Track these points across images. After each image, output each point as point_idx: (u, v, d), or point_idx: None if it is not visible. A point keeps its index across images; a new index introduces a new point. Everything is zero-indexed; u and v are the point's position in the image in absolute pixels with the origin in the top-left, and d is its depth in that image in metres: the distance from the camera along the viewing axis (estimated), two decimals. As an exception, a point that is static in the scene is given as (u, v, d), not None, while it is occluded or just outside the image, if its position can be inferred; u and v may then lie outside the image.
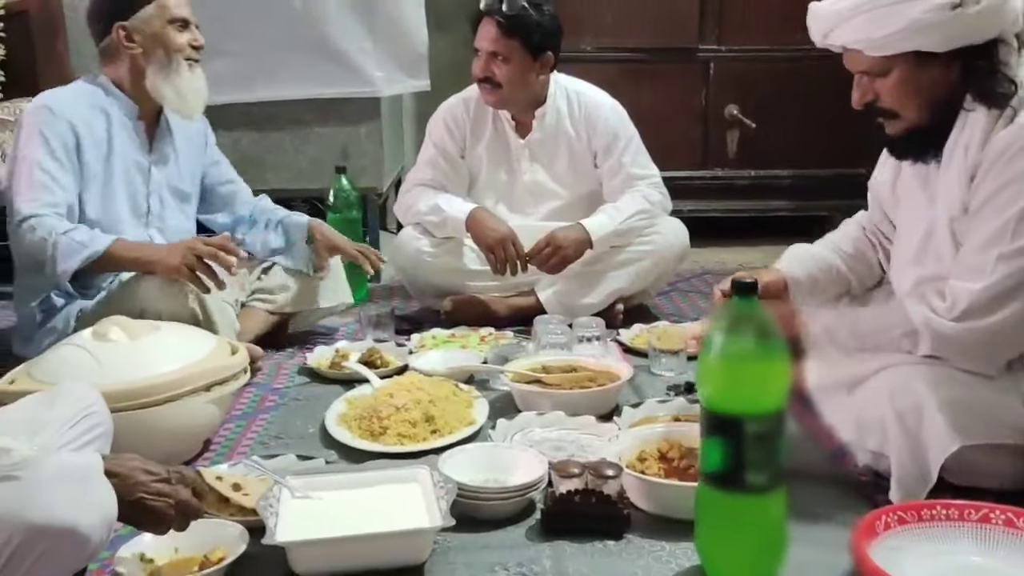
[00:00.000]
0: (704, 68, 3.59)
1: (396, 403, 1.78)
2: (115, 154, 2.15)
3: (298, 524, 1.33)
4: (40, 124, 2.04)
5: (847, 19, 1.47)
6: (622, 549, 1.38)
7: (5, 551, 1.01)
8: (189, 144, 2.32)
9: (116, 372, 1.60)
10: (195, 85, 2.18)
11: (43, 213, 1.98)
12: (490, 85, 2.49)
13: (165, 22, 2.12)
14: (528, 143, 2.60)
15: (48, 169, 2.02)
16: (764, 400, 1.19)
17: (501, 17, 2.43)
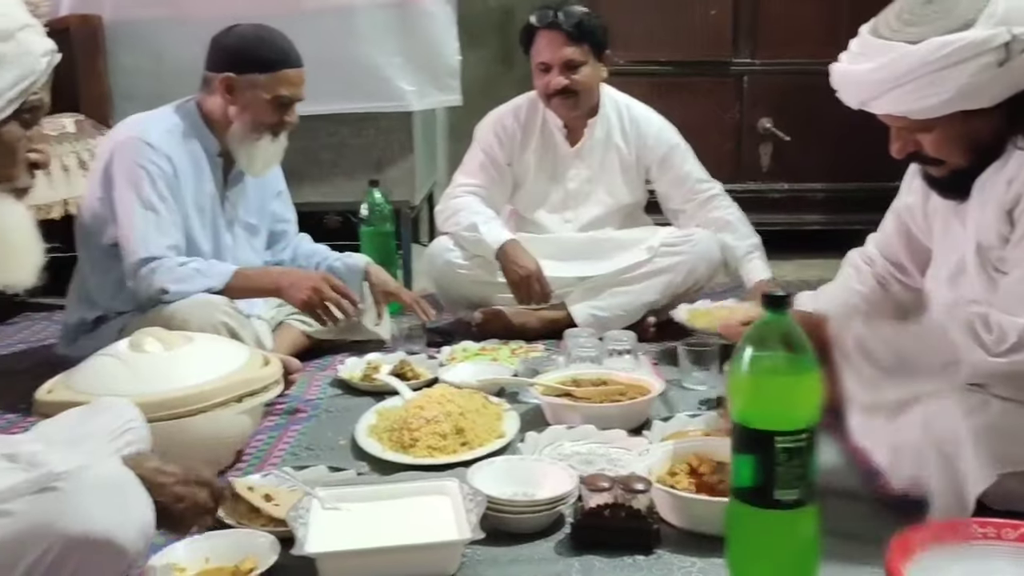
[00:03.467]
0: (738, 82, 3.59)
1: (426, 415, 1.79)
2: (198, 187, 2.17)
3: (328, 535, 1.34)
4: (141, 160, 2.06)
5: (889, 89, 1.39)
6: (652, 564, 1.37)
7: (44, 562, 1.01)
8: (260, 179, 2.33)
9: (151, 382, 1.62)
10: (268, 154, 2.20)
11: (162, 255, 2.03)
12: (566, 96, 2.52)
13: (270, 97, 2.12)
14: (578, 151, 2.63)
15: (157, 208, 2.06)
16: (795, 415, 1.18)
17: (564, 26, 2.46)
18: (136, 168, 2.05)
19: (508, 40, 4.17)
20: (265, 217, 2.39)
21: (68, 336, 2.22)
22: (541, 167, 2.65)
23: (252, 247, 2.34)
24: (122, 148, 2.09)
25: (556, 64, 2.49)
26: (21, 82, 1.08)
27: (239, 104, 2.13)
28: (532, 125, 2.65)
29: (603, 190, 2.65)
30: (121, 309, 2.13)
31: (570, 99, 2.53)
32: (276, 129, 2.17)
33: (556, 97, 2.53)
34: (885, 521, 1.43)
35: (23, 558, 1.01)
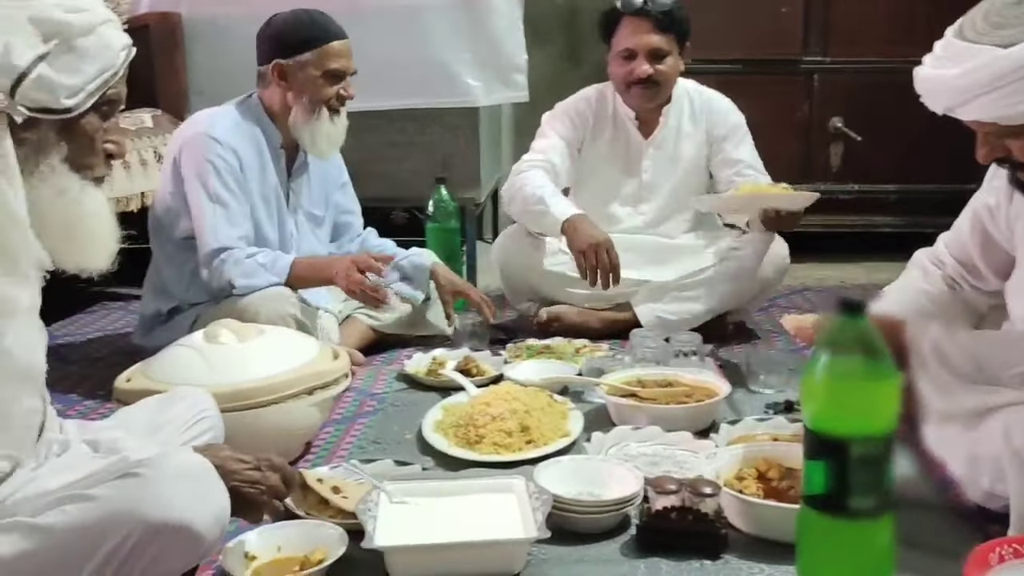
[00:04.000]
0: (808, 80, 3.53)
1: (492, 412, 1.79)
2: (263, 179, 2.22)
3: (395, 529, 1.35)
4: (208, 154, 2.12)
5: (977, 95, 1.34)
6: (719, 569, 1.36)
7: (124, 547, 1.04)
8: (323, 169, 2.38)
9: (224, 373, 1.66)
10: (331, 132, 2.23)
11: (232, 246, 2.09)
12: (648, 86, 2.48)
13: (320, 73, 2.17)
14: (652, 142, 2.60)
15: (226, 200, 2.12)
16: (872, 422, 1.15)
17: (653, 13, 2.42)
18: (204, 162, 2.11)
19: (574, 37, 4.17)
20: (329, 208, 2.43)
21: (144, 326, 2.28)
22: (613, 158, 2.62)
23: (316, 237, 2.38)
24: (190, 144, 2.15)
25: (641, 52, 2.44)
26: (101, 75, 1.12)
27: (294, 88, 2.18)
28: (604, 115, 2.61)
29: (676, 181, 2.61)
30: (194, 300, 2.19)
31: (651, 89, 2.49)
32: (334, 104, 2.20)
33: (637, 86, 2.48)
34: (961, 534, 1.41)
35: (105, 543, 1.04)
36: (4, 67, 1.03)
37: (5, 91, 1.04)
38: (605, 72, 2.59)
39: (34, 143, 1.09)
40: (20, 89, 1.04)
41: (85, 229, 1.16)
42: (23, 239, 1.05)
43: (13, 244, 1.03)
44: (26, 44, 1.05)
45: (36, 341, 1.06)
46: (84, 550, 1.03)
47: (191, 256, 2.16)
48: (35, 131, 1.09)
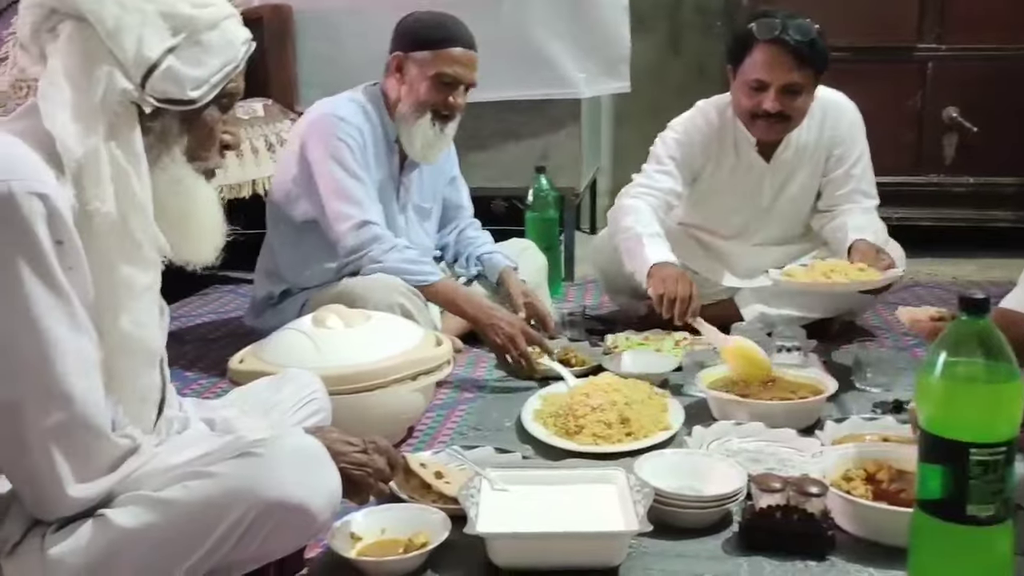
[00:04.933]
0: (921, 68, 3.40)
1: (592, 403, 1.80)
2: (380, 170, 2.25)
3: (497, 516, 1.36)
4: (339, 133, 2.15)
5: None
6: (824, 571, 1.33)
7: (242, 524, 1.08)
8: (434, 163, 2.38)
9: (332, 357, 1.70)
10: (429, 140, 2.22)
11: (379, 222, 2.14)
12: (776, 122, 2.28)
13: (432, 74, 2.16)
14: (773, 166, 2.42)
15: (361, 176, 2.15)
16: (993, 427, 1.12)
17: (794, 44, 2.19)
18: (336, 141, 2.14)
19: (676, 25, 4.12)
20: (437, 202, 2.46)
21: (255, 309, 2.36)
22: (732, 185, 2.45)
23: (424, 230, 2.41)
24: (317, 125, 2.19)
25: (776, 86, 2.22)
26: (224, 68, 1.16)
27: (406, 83, 2.19)
28: (726, 140, 2.42)
29: (789, 203, 2.47)
30: (305, 285, 2.25)
31: (779, 124, 2.29)
32: (439, 111, 2.19)
33: (763, 120, 2.28)
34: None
35: (223, 519, 1.08)
36: (137, 59, 1.07)
37: (136, 82, 1.08)
38: (705, 60, 2.51)
39: (158, 133, 1.13)
40: (150, 80, 1.09)
41: (195, 221, 1.19)
42: (147, 226, 1.09)
43: (137, 230, 1.07)
44: (157, 37, 1.09)
45: (155, 321, 1.09)
46: (204, 525, 1.07)
47: (306, 240, 2.22)
48: (159, 121, 1.13)
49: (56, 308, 1.00)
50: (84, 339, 1.02)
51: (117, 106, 1.06)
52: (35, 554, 1.04)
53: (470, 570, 1.35)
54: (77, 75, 1.05)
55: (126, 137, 1.07)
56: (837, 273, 2.14)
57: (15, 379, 0.99)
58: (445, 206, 2.49)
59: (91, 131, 1.04)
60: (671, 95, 3.79)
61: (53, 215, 0.99)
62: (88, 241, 1.03)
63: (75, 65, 1.06)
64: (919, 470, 1.18)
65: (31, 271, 0.98)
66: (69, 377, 1.00)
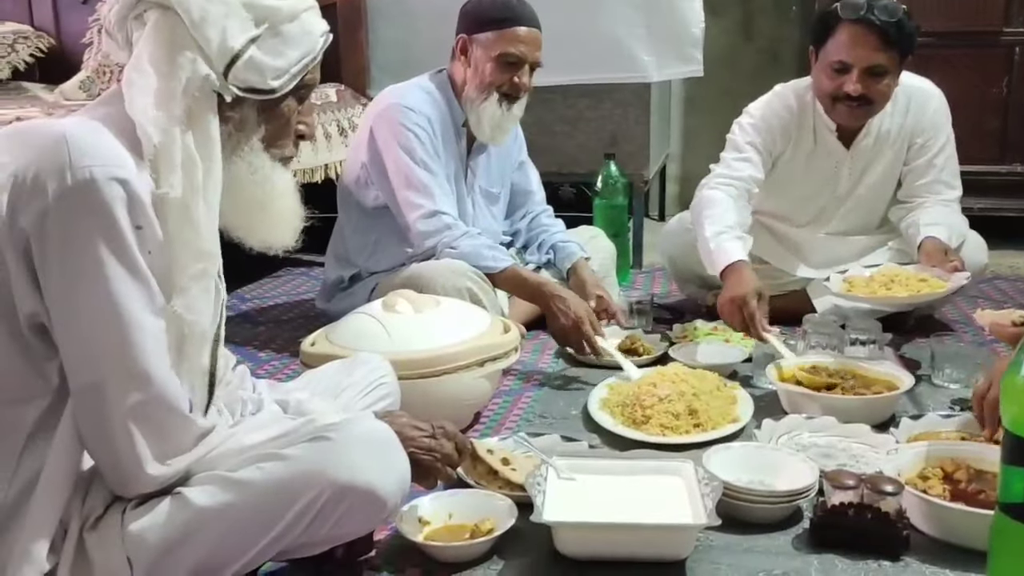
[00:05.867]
0: (1008, 53, 3.28)
1: (659, 393, 1.78)
2: (448, 155, 2.26)
3: (563, 505, 1.36)
4: (407, 122, 2.17)
5: None
6: (899, 572, 1.30)
7: (314, 506, 1.10)
8: (504, 146, 2.39)
9: (402, 342, 1.72)
10: (499, 119, 2.22)
11: (451, 211, 2.15)
12: (858, 105, 2.21)
13: (496, 54, 2.16)
14: (853, 153, 2.36)
15: (431, 166, 2.17)
16: (1081, 430, 1.07)
17: (879, 24, 2.13)
18: (404, 131, 2.16)
19: (749, 9, 4.03)
20: (505, 186, 2.46)
21: (326, 292, 2.39)
22: (809, 171, 2.39)
23: (492, 215, 2.41)
24: (385, 114, 2.21)
25: (858, 67, 2.16)
26: (303, 59, 1.17)
27: (472, 65, 2.19)
28: (805, 125, 2.35)
29: (867, 191, 2.41)
30: (374, 269, 2.27)
31: (861, 108, 2.22)
32: (505, 91, 2.18)
33: (844, 103, 2.21)
34: None
35: (297, 500, 1.10)
36: (221, 49, 1.09)
37: (219, 71, 1.10)
38: (779, 46, 2.45)
39: (236, 121, 1.15)
40: (233, 70, 1.10)
41: (274, 207, 1.21)
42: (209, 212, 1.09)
43: (201, 220, 1.08)
44: (240, 27, 1.10)
45: (208, 307, 1.10)
46: (278, 506, 1.10)
47: (377, 224, 2.24)
48: (239, 110, 1.15)
49: (136, 291, 1.02)
50: (161, 322, 1.05)
51: (198, 93, 1.08)
52: (115, 528, 1.07)
53: (536, 558, 1.35)
54: (162, 62, 1.07)
55: (203, 125, 1.09)
56: (898, 283, 2.09)
57: (98, 361, 1.02)
58: (514, 191, 2.49)
59: (172, 118, 1.06)
60: (743, 81, 3.73)
61: (133, 200, 1.01)
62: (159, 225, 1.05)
63: (160, 53, 1.08)
64: (1002, 472, 1.14)
65: (112, 255, 1.00)
66: (149, 358, 1.03)
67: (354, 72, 3.16)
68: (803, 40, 3.85)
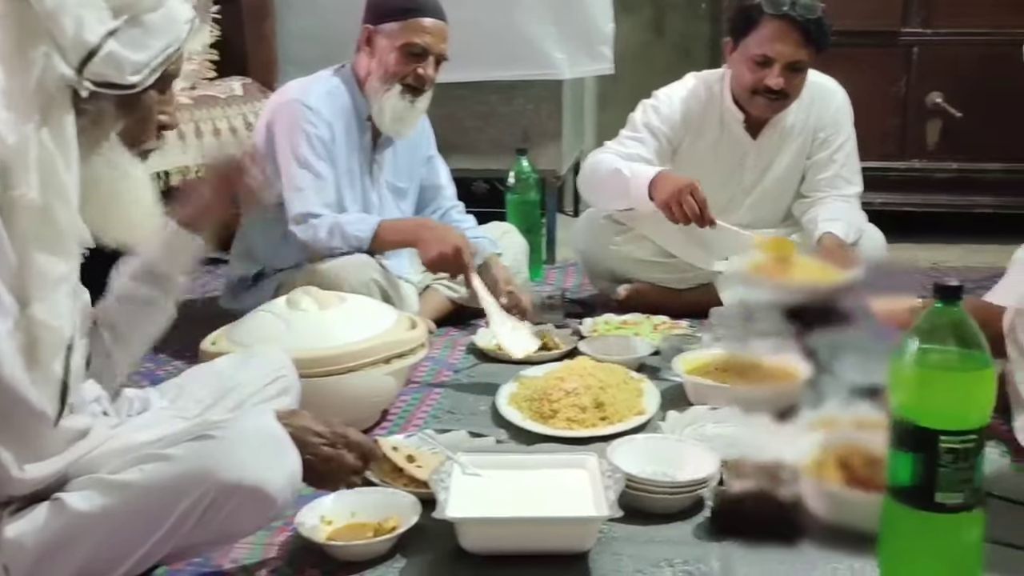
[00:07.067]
0: (906, 53, 3.38)
1: (567, 387, 1.78)
2: (350, 149, 2.22)
3: (467, 501, 1.35)
4: (301, 121, 2.13)
5: None
6: (796, 557, 1.33)
7: (200, 506, 1.08)
8: (412, 141, 2.36)
9: (305, 339, 1.69)
10: (400, 112, 2.19)
11: (322, 212, 2.11)
12: (776, 99, 2.28)
13: (400, 44, 2.13)
14: (759, 144, 2.41)
15: (315, 167, 2.13)
16: (963, 415, 1.11)
17: (801, 21, 2.18)
18: (296, 130, 2.13)
19: (660, 7, 4.08)
20: (414, 181, 2.43)
21: (231, 291, 2.34)
22: (713, 161, 2.41)
23: (400, 209, 2.39)
24: (283, 110, 2.18)
25: (780, 62, 2.21)
26: (166, 50, 1.13)
27: (375, 56, 2.17)
28: (712, 115, 2.40)
29: (771, 181, 2.46)
30: (280, 266, 2.23)
31: (778, 102, 2.29)
32: (408, 82, 2.16)
33: (764, 96, 2.27)
34: (1056, 532, 1.35)
35: (181, 501, 1.07)
36: (76, 42, 1.02)
37: (75, 67, 1.04)
38: (690, 42, 2.48)
39: (93, 116, 1.10)
40: (89, 65, 1.04)
41: (130, 204, 1.17)
42: (70, 214, 1.05)
43: (60, 218, 1.03)
44: (96, 19, 1.04)
45: (69, 311, 1.06)
46: (161, 508, 1.07)
47: (280, 221, 2.20)
48: (95, 104, 1.09)
49: None
50: (11, 323, 1.00)
51: (52, 90, 1.03)
52: (-8, 534, 1.02)
53: (439, 555, 1.34)
54: (12, 57, 1.01)
55: (58, 122, 1.04)
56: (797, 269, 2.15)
57: None
58: (423, 186, 2.47)
59: (25, 118, 1.00)
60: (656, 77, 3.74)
61: None
62: (9, 228, 1.00)
63: (10, 46, 1.01)
64: (890, 457, 1.17)
65: None
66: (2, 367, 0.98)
67: (261, 65, 3.09)
68: (714, 35, 3.94)
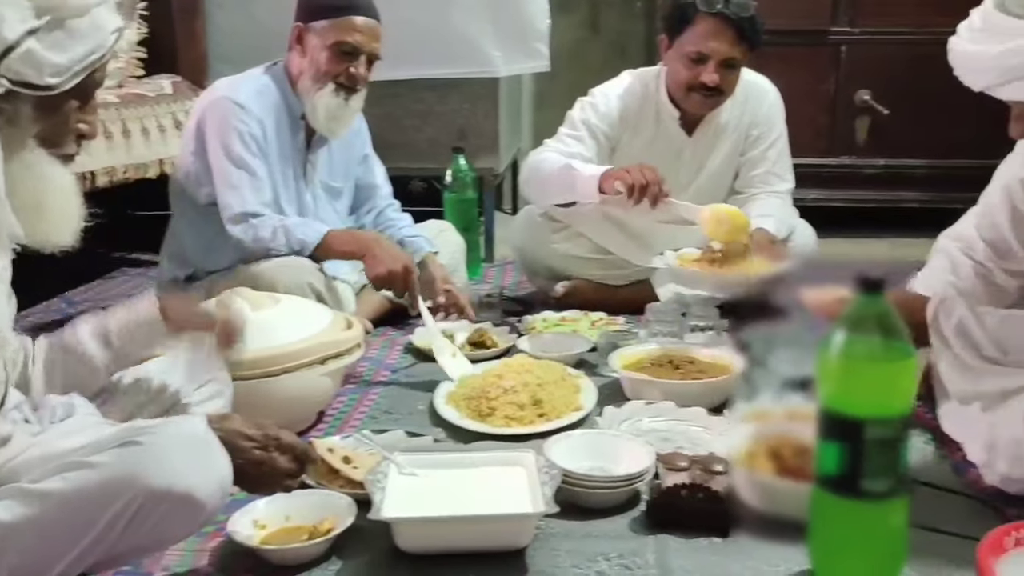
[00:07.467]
0: (835, 52, 3.46)
1: (505, 385, 1.78)
2: (282, 148, 2.19)
3: (404, 501, 1.35)
4: (233, 119, 2.09)
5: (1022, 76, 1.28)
6: (729, 547, 1.35)
7: (126, 513, 1.05)
8: (346, 140, 2.34)
9: (237, 341, 1.65)
10: (333, 111, 2.16)
11: (262, 212, 2.07)
12: (710, 95, 2.31)
13: (331, 43, 2.11)
14: (695, 140, 2.45)
15: (250, 166, 2.09)
16: (888, 403, 1.13)
17: (735, 18, 2.22)
18: (228, 128, 2.09)
19: (596, 5, 4.11)
20: (349, 181, 2.41)
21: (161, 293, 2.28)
22: (649, 158, 2.37)
23: (334, 209, 2.36)
24: (213, 108, 2.13)
25: (715, 59, 2.25)
26: (89, 56, 1.11)
27: (307, 55, 2.14)
28: (647, 112, 2.43)
29: (706, 178, 2.49)
30: (212, 268, 2.18)
31: (712, 99, 2.32)
32: (341, 81, 2.14)
33: (699, 93, 2.30)
34: (977, 517, 1.39)
35: (108, 509, 1.05)
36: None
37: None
38: (625, 40, 2.51)
39: (9, 115, 1.08)
40: (5, 61, 1.03)
41: (51, 205, 1.15)
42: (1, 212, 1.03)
43: None
44: (17, 17, 1.03)
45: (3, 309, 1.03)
46: (87, 516, 1.04)
47: (212, 222, 2.16)
48: (12, 104, 1.07)
49: None
50: None
51: None
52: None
53: (376, 556, 1.33)
54: None
55: None
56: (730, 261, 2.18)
57: None
58: (358, 186, 2.44)
59: None
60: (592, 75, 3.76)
61: None
62: None
63: None
64: (818, 447, 1.19)
65: None
66: None
67: (191, 63, 3.03)
68: (649, 33, 3.98)
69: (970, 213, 1.73)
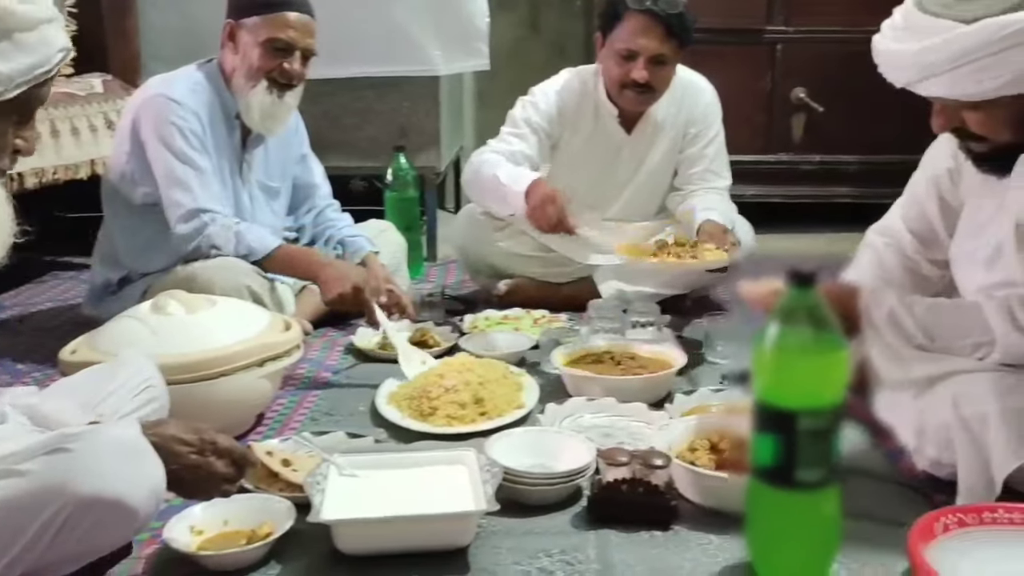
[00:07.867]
0: (770, 50, 3.52)
1: (446, 384, 1.78)
2: (219, 148, 2.15)
3: (344, 502, 1.33)
4: (170, 116, 2.05)
5: (941, 72, 1.31)
6: (669, 540, 1.36)
7: (56, 521, 1.03)
8: (283, 140, 2.31)
9: (172, 345, 1.62)
10: (268, 109, 2.14)
11: (212, 209, 2.04)
12: (643, 92, 2.33)
13: (263, 39, 2.08)
14: (633, 138, 2.48)
15: (195, 161, 2.05)
16: (819, 395, 1.15)
17: (663, 15, 2.24)
18: (167, 125, 2.05)
19: (536, 4, 4.12)
20: (286, 180, 2.38)
21: (94, 296, 2.24)
22: (590, 155, 2.47)
23: (272, 209, 2.33)
24: (148, 106, 2.09)
25: (644, 55, 2.28)
26: (33, 71, 1.10)
27: (240, 52, 2.11)
28: (585, 109, 2.45)
29: (646, 176, 2.52)
30: (145, 270, 2.14)
31: (645, 95, 2.35)
32: (274, 77, 2.11)
33: (631, 90, 2.33)
34: (908, 503, 1.42)
35: (37, 517, 1.02)
36: None
37: None
38: (565, 39, 2.53)
39: None
40: None
41: None
42: None
43: None
44: None
45: None
46: (15, 524, 1.01)
47: (148, 222, 2.11)
48: None
49: None
50: None
51: None
52: None
53: (315, 559, 1.32)
54: None
55: None
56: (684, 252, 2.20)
57: None
58: (297, 185, 2.42)
59: None
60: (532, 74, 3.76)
61: None
62: None
63: None
64: (753, 439, 1.21)
65: None
66: None
67: (123, 61, 2.97)
68: (588, 32, 4.00)
69: (896, 206, 1.77)
